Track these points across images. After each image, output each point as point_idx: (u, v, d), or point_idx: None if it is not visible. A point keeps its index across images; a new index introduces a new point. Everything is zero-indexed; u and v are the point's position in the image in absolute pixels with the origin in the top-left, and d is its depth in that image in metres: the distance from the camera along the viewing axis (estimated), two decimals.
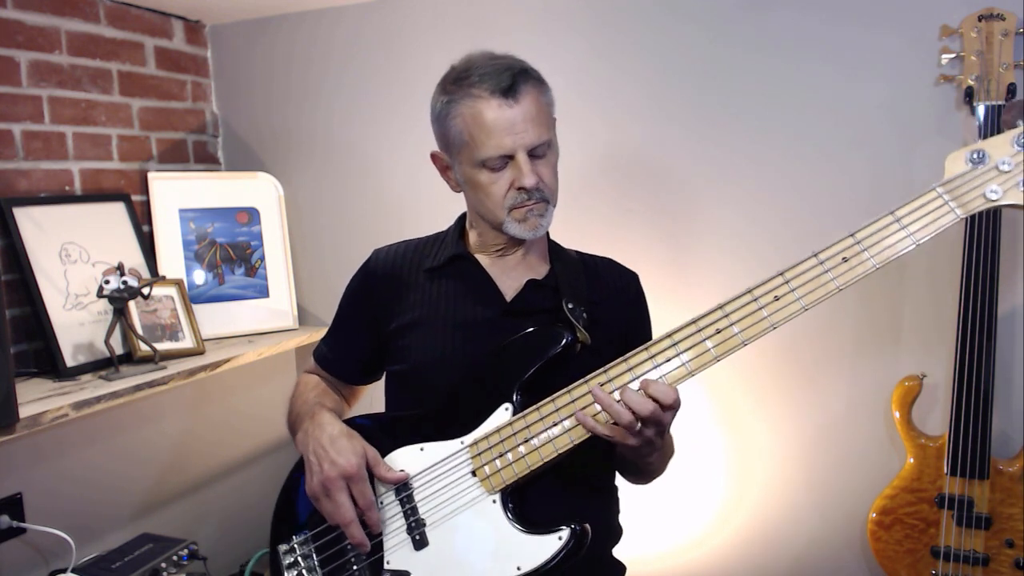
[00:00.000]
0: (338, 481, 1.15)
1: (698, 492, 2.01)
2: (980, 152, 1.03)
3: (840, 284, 1.04)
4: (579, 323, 1.21)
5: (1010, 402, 1.71)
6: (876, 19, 1.73)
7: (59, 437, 1.80)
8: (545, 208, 1.22)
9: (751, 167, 1.87)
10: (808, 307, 1.05)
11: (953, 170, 1.04)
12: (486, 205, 1.22)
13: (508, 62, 1.19)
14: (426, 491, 1.19)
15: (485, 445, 1.16)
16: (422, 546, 1.17)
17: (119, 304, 1.79)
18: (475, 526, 1.15)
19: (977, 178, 1.02)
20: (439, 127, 1.24)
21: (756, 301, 1.06)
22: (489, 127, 1.16)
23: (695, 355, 1.08)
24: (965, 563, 1.64)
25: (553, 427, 1.12)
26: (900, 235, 1.03)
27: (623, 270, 1.40)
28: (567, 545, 1.09)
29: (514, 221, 1.21)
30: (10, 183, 1.82)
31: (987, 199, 1.01)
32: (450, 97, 1.20)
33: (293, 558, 1.25)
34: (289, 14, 2.28)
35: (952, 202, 1.02)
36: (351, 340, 1.40)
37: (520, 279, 1.29)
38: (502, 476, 1.14)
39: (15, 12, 1.83)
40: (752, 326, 1.06)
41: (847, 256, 1.04)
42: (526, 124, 1.16)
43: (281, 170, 2.36)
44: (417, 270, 1.33)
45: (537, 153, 1.19)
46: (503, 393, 1.18)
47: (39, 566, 1.75)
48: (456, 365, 1.23)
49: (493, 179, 1.19)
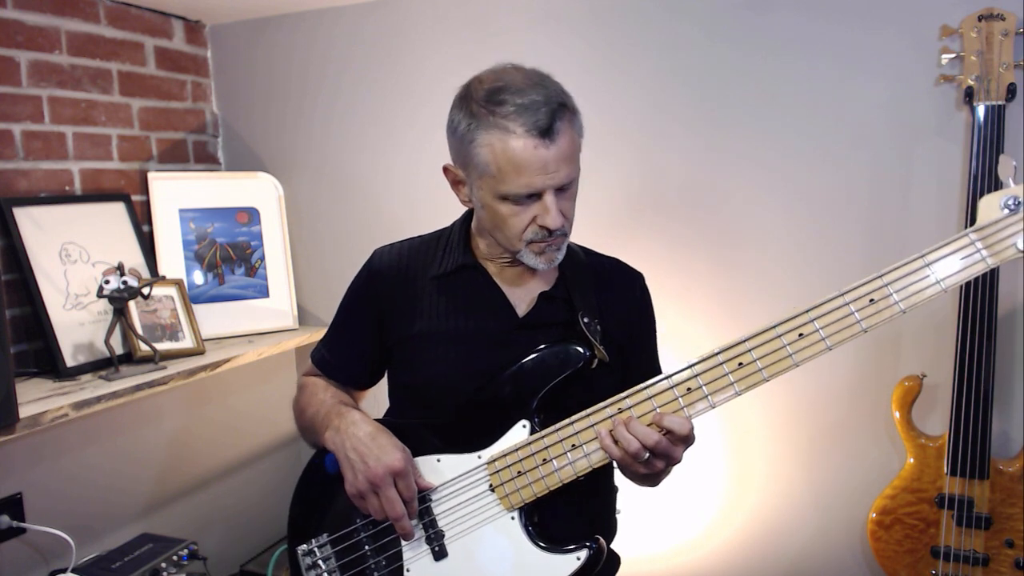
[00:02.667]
0: (387, 477, 1.15)
1: (698, 492, 2.01)
2: (1016, 199, 0.98)
3: (866, 326, 1.02)
4: (595, 338, 1.19)
5: (1010, 402, 1.71)
6: (876, 19, 1.73)
7: (59, 437, 1.80)
8: (563, 242, 1.20)
9: (751, 167, 1.87)
10: (833, 347, 1.04)
11: (987, 216, 1.00)
12: (503, 233, 1.18)
13: (547, 93, 1.10)
14: (445, 504, 1.19)
15: (503, 463, 1.16)
16: (441, 557, 1.18)
17: (119, 304, 1.79)
18: (495, 541, 1.16)
19: (1012, 226, 0.98)
20: (460, 146, 1.16)
21: (780, 339, 1.05)
22: (520, 166, 1.09)
23: (718, 388, 1.08)
24: (965, 563, 1.64)
25: (572, 450, 1.13)
26: (929, 280, 1.01)
27: (629, 270, 1.38)
28: (585, 563, 1.12)
29: (531, 253, 1.17)
30: (10, 183, 1.82)
31: (1019, 249, 0.98)
32: (475, 121, 1.12)
33: (313, 560, 1.25)
34: (289, 14, 2.28)
35: (984, 250, 0.99)
36: (355, 343, 1.36)
37: (531, 290, 1.27)
38: (521, 495, 1.15)
39: (15, 12, 1.83)
40: (776, 363, 1.06)
41: (875, 298, 1.02)
42: (559, 164, 1.10)
43: (281, 170, 2.36)
44: (423, 275, 1.29)
45: (564, 188, 1.14)
46: (521, 410, 1.18)
47: (39, 566, 1.75)
48: (469, 380, 1.21)
49: (515, 212, 1.14)
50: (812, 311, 1.05)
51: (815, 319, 1.04)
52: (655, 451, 1.06)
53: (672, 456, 1.07)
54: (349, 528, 1.24)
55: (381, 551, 1.21)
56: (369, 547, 1.22)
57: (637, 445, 1.05)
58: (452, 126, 1.17)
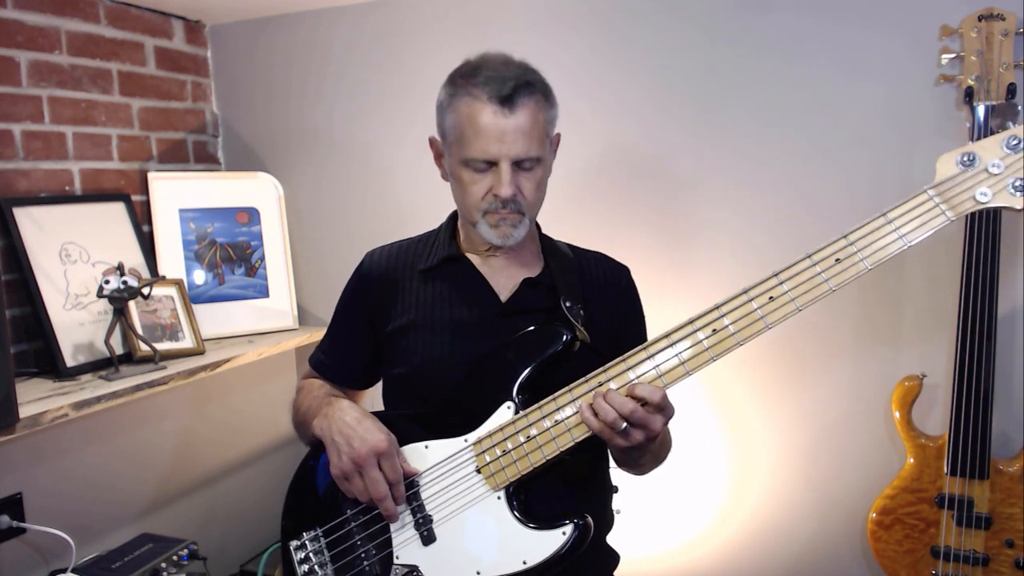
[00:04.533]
0: (370, 457, 1.17)
1: (698, 492, 2.02)
2: (970, 155, 1.04)
3: (833, 285, 1.06)
4: (577, 321, 1.22)
5: (1010, 402, 1.71)
6: (876, 19, 1.73)
7: (59, 437, 1.80)
8: (519, 220, 1.23)
9: (750, 167, 1.87)
10: (802, 307, 1.07)
11: (944, 172, 1.05)
12: (464, 203, 1.25)
13: (516, 71, 1.19)
14: (432, 488, 1.21)
15: (489, 443, 1.18)
16: (430, 541, 1.19)
17: (119, 304, 1.79)
18: (481, 522, 1.17)
19: (967, 180, 1.04)
20: (440, 117, 1.26)
21: (752, 301, 1.09)
22: (479, 130, 1.17)
23: (693, 354, 1.11)
24: (965, 563, 1.64)
25: (555, 425, 1.15)
26: (892, 236, 1.05)
27: (614, 264, 1.41)
28: (571, 539, 1.12)
29: (487, 225, 1.23)
30: (10, 183, 1.83)
31: (977, 201, 1.03)
32: (454, 90, 1.21)
33: (304, 554, 1.26)
34: (289, 14, 2.28)
35: (943, 204, 1.04)
36: (349, 345, 1.40)
37: (514, 277, 1.30)
38: (506, 473, 1.16)
39: (15, 12, 1.83)
40: (748, 326, 1.09)
41: (840, 257, 1.06)
42: (516, 135, 1.17)
43: (281, 170, 2.36)
44: (411, 271, 1.34)
45: (524, 166, 1.20)
46: (505, 392, 1.20)
47: (39, 566, 1.75)
48: (455, 367, 1.24)
49: (474, 179, 1.21)
50: (781, 274, 1.08)
51: (784, 281, 1.08)
52: (631, 420, 1.07)
53: (649, 427, 1.08)
54: (339, 519, 1.25)
55: (370, 539, 1.23)
56: (359, 536, 1.23)
57: (613, 415, 1.07)
58: (438, 100, 1.26)
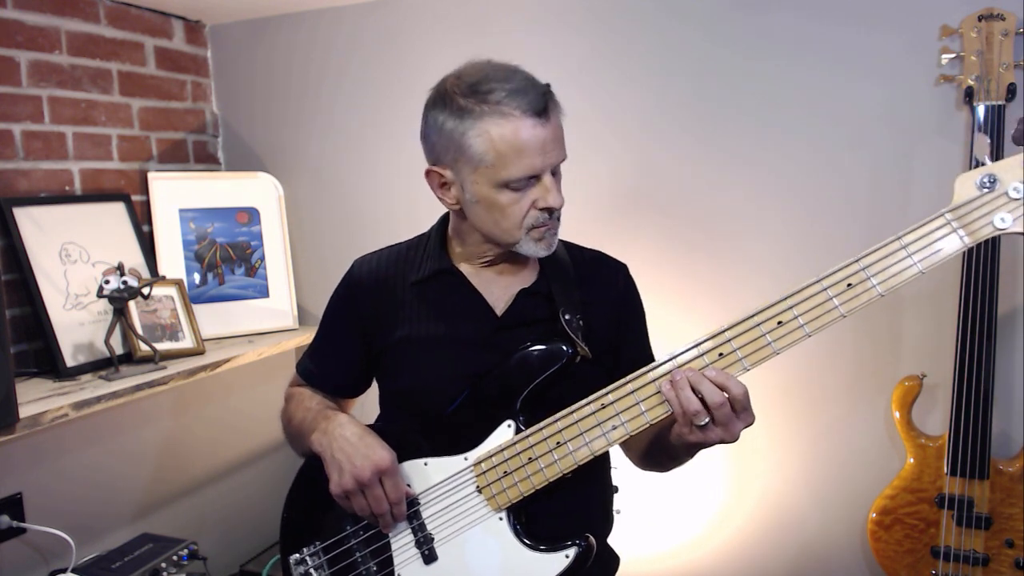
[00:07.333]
0: (374, 475, 1.15)
1: (698, 492, 2.01)
2: (991, 176, 0.98)
3: (845, 311, 1.02)
4: (577, 335, 1.19)
5: (1010, 402, 1.71)
6: (876, 20, 1.73)
7: (59, 437, 1.80)
8: (558, 226, 1.21)
9: (750, 167, 1.87)
10: (812, 333, 1.03)
11: (962, 195, 0.99)
12: (501, 226, 1.18)
13: (530, 78, 1.15)
14: (433, 507, 1.19)
15: (489, 464, 1.16)
16: (431, 560, 1.18)
17: (119, 304, 1.79)
18: (484, 543, 1.16)
19: (986, 205, 0.98)
20: (447, 144, 1.16)
21: (759, 327, 1.05)
22: (521, 148, 1.11)
23: None
24: (965, 563, 1.64)
25: (557, 447, 1.13)
26: (906, 262, 1.00)
27: (612, 262, 1.37)
28: (574, 563, 1.12)
29: (531, 240, 1.18)
30: (10, 183, 1.82)
31: (996, 227, 0.97)
32: (467, 115, 1.12)
33: (305, 569, 1.25)
34: (289, 14, 2.28)
35: (960, 229, 0.98)
36: (339, 353, 1.36)
37: (508, 288, 1.26)
38: (508, 495, 1.15)
39: (15, 12, 1.83)
40: (755, 352, 1.05)
41: (852, 283, 1.01)
42: (554, 143, 1.14)
43: (281, 170, 2.36)
44: (403, 282, 1.29)
45: (555, 170, 1.17)
46: (505, 410, 1.18)
47: (39, 566, 1.75)
48: (454, 383, 1.22)
49: (515, 199, 1.15)
50: (790, 299, 1.04)
51: (793, 306, 1.04)
52: (715, 413, 1.05)
53: (728, 424, 1.08)
54: (340, 535, 1.24)
55: (372, 556, 1.21)
56: (359, 553, 1.22)
57: (698, 404, 1.05)
58: (434, 127, 1.18)
